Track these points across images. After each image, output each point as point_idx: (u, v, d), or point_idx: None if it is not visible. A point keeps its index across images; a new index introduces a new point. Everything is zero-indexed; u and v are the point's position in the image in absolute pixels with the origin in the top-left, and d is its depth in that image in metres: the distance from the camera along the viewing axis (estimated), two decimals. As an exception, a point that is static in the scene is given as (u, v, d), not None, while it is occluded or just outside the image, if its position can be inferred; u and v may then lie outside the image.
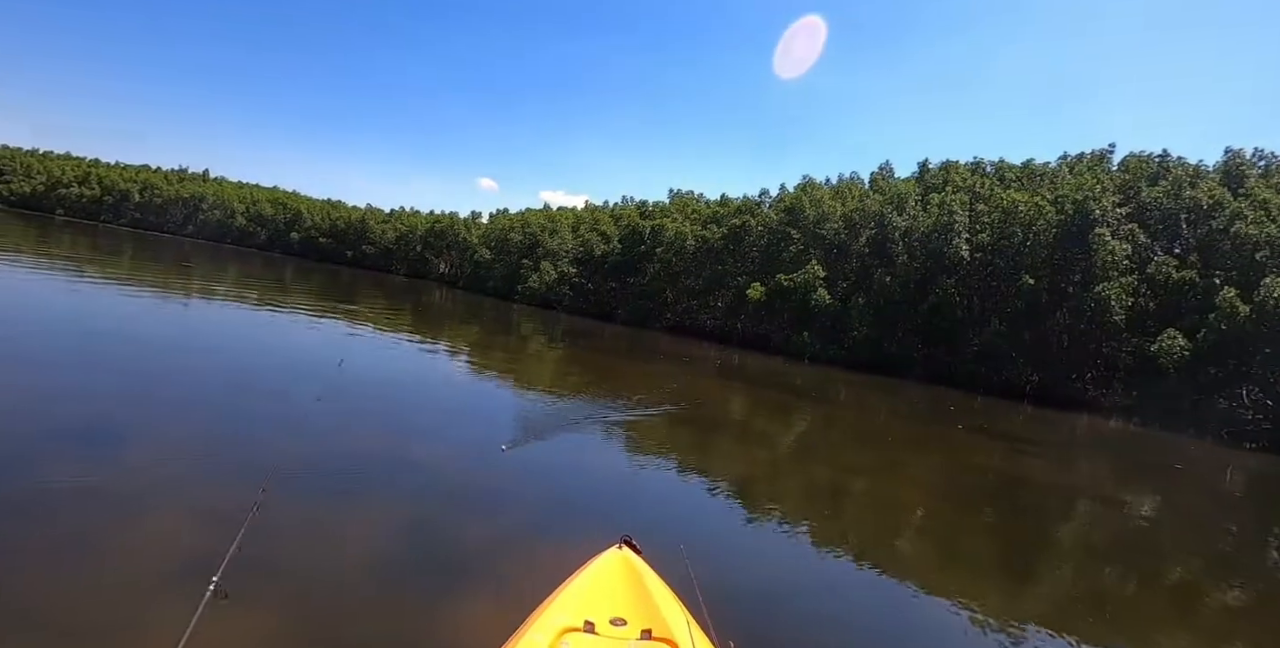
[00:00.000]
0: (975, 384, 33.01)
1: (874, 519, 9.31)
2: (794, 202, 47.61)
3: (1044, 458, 16.95)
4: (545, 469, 8.98)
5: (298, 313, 24.72)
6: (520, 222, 71.11)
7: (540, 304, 57.92)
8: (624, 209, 66.28)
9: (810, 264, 42.57)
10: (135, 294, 22.56)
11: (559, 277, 59.20)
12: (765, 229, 48.23)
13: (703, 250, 51.13)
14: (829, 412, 20.75)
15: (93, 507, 5.37)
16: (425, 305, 43.83)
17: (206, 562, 2.74)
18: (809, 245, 45.26)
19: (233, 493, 5.82)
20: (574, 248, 61.70)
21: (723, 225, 50.88)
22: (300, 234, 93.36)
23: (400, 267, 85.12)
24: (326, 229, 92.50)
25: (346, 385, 12.51)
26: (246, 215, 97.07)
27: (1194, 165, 36.12)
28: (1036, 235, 35.36)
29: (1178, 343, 27.53)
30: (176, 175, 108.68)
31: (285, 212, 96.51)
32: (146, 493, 5.85)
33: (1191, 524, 12.01)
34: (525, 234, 66.55)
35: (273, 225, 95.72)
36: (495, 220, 79.29)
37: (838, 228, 44.52)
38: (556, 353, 27.31)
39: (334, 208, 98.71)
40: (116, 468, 6.41)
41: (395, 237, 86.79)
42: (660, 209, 61.80)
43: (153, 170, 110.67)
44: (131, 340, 13.44)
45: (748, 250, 49.00)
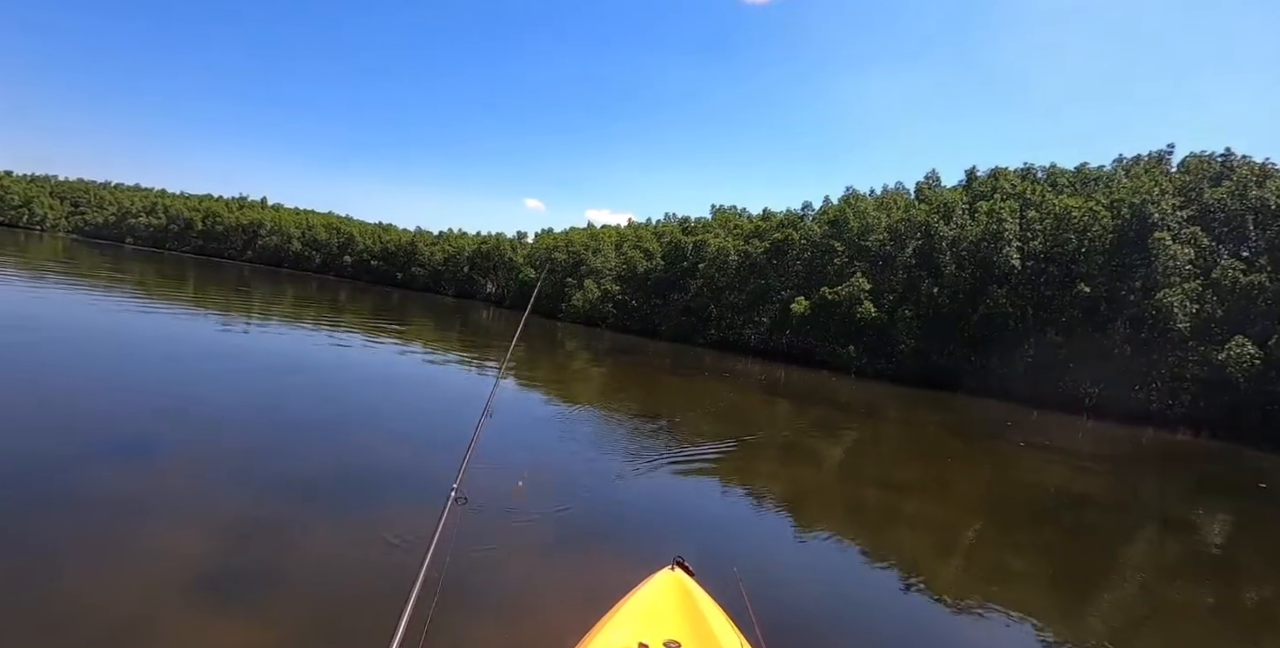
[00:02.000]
0: (1030, 397, 31.79)
1: (927, 539, 8.91)
2: (837, 214, 47.04)
3: (1106, 475, 16.10)
4: (592, 489, 8.85)
5: (352, 335, 25.22)
6: (564, 241, 71.83)
7: (584, 322, 58.20)
8: (666, 226, 66.42)
9: (855, 277, 41.90)
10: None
11: (602, 294, 59.46)
12: (808, 242, 47.68)
13: (745, 265, 50.78)
14: (878, 428, 20.13)
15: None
16: (472, 324, 44.35)
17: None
18: (853, 258, 44.59)
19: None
20: (617, 265, 61.98)
21: (765, 240, 50.50)
22: (353, 257, 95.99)
23: (449, 287, 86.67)
24: (378, 252, 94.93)
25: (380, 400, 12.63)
26: (302, 240, 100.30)
27: (1260, 164, 34.43)
28: (1092, 242, 34.16)
29: (1247, 351, 26.09)
30: (237, 203, 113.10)
31: (339, 236, 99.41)
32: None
33: (1264, 547, 11.19)
34: (569, 253, 67.16)
35: (327, 249, 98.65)
36: (540, 240, 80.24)
37: (883, 239, 43.78)
38: (600, 370, 27.26)
39: (385, 231, 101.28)
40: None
41: (443, 258, 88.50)
42: (702, 225, 61.73)
43: (214, 199, 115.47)
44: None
45: (791, 264, 48.48)
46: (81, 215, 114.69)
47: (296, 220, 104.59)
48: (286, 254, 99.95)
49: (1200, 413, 28.08)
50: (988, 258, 36.79)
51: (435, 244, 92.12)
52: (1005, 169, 46.05)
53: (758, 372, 33.97)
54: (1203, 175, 34.84)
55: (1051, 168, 44.45)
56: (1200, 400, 28.33)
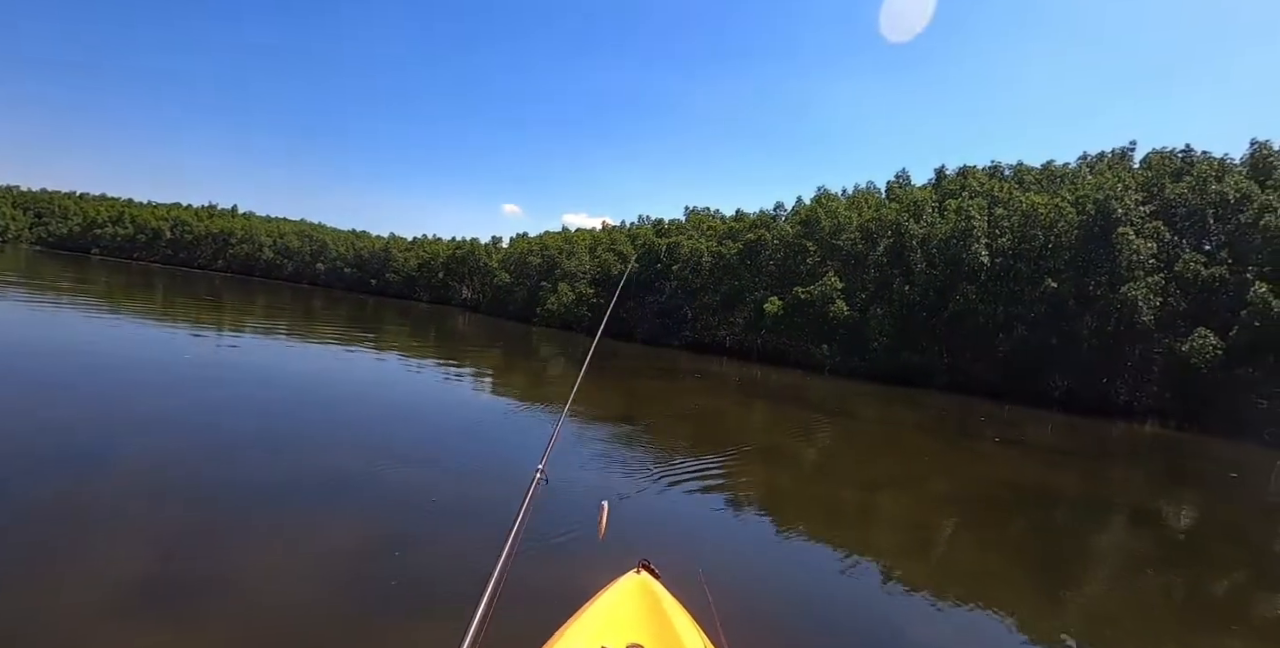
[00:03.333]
0: (1002, 393, 32.01)
1: (899, 538, 8.80)
2: (809, 213, 47.19)
3: (1078, 469, 16.10)
4: (558, 492, 8.65)
5: (327, 343, 24.78)
6: (539, 245, 71.55)
7: (560, 325, 57.87)
8: (640, 228, 66.33)
9: (827, 276, 42.01)
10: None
11: (577, 297, 59.20)
12: (781, 242, 47.76)
13: (719, 266, 50.79)
14: (851, 427, 20.03)
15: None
16: (446, 331, 43.89)
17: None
18: (825, 257, 44.74)
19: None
20: (591, 269, 61.76)
21: (738, 240, 50.54)
22: (326, 265, 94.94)
23: (423, 293, 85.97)
24: (351, 259, 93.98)
25: (353, 409, 12.33)
26: (274, 248, 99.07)
27: (1219, 159, 35.01)
28: (1058, 237, 34.53)
29: (1210, 342, 26.44)
30: (206, 212, 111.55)
31: (311, 243, 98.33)
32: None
33: (1235, 535, 11.24)
34: (543, 257, 66.90)
35: (299, 257, 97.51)
36: (515, 244, 79.86)
37: (854, 238, 43.97)
38: (574, 374, 26.97)
39: (358, 238, 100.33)
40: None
41: (418, 264, 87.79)
42: (676, 227, 61.69)
43: (183, 207, 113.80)
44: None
45: (764, 264, 48.54)
46: (45, 226, 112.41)
47: (268, 229, 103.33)
48: (258, 263, 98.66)
49: (1166, 404, 28.40)
50: (957, 255, 37.03)
51: (410, 250, 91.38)
52: (973, 167, 46.55)
53: (733, 372, 33.90)
54: (1164, 171, 35.36)
55: (1018, 166, 44.95)
56: (1166, 392, 28.66)
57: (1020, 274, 35.60)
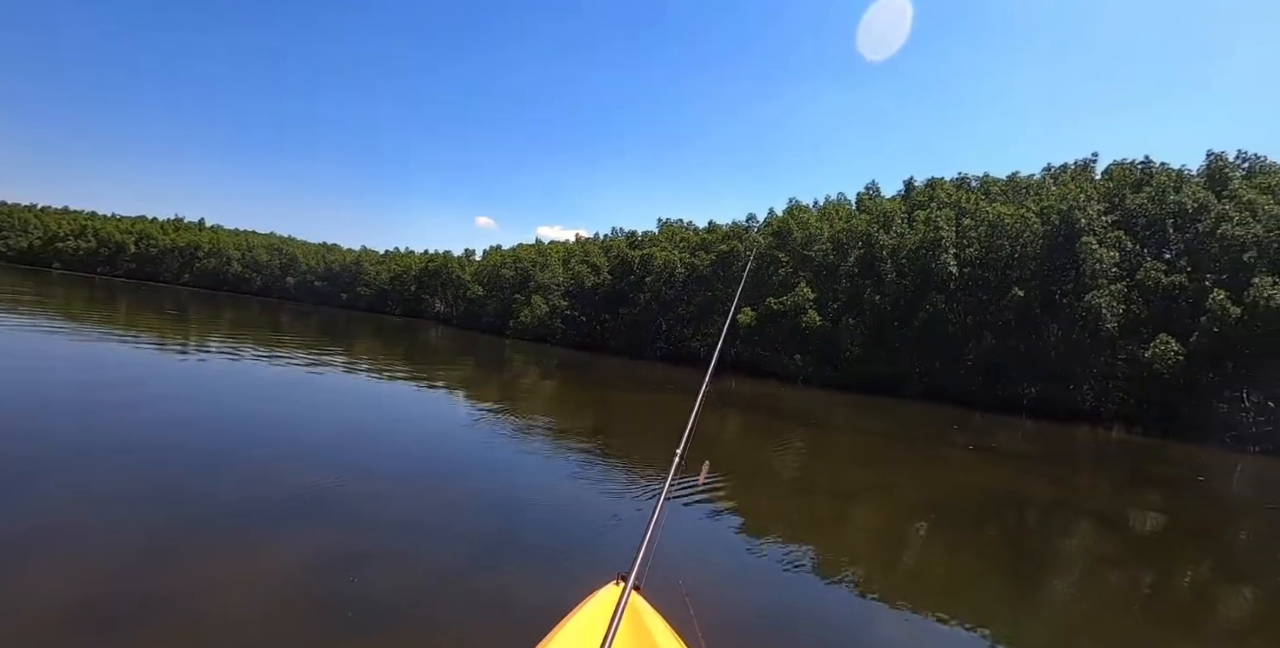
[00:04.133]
0: (972, 400, 32.33)
1: (876, 547, 8.78)
2: (781, 225, 47.53)
3: (1047, 475, 16.23)
4: (534, 505, 8.49)
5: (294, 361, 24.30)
6: (512, 257, 71.25)
7: (533, 338, 57.50)
8: (613, 240, 66.32)
9: (799, 287, 42.27)
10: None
11: (550, 310, 58.94)
12: (754, 253, 48.00)
13: (692, 278, 50.91)
14: (824, 436, 20.04)
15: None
16: (419, 345, 43.37)
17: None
18: (798, 268, 45.02)
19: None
20: (565, 281, 61.57)
21: (711, 252, 50.72)
22: (296, 278, 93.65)
23: (395, 307, 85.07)
24: (322, 273, 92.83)
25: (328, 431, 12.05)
26: (242, 262, 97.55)
27: (1177, 170, 35.95)
28: (1024, 247, 35.12)
29: (1171, 348, 26.96)
30: (172, 225, 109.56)
31: (281, 257, 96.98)
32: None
33: (1198, 537, 11.36)
34: (516, 269, 66.60)
35: (268, 271, 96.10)
36: (488, 257, 79.43)
37: (826, 249, 44.34)
38: (546, 386, 26.75)
39: (329, 251, 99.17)
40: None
41: (390, 277, 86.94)
42: (649, 238, 61.77)
43: (149, 221, 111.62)
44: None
45: (737, 275, 48.70)
46: (4, 239, 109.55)
47: (236, 242, 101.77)
48: (226, 276, 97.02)
49: (1131, 409, 28.87)
50: (926, 265, 37.47)
51: (381, 263, 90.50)
52: (941, 179, 47.25)
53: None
54: (1125, 182, 36.18)
55: (985, 177, 45.69)
56: (1131, 397, 29.14)
57: (988, 283, 36.12)
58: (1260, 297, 25.32)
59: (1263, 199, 29.60)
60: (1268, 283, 25.61)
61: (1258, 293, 25.47)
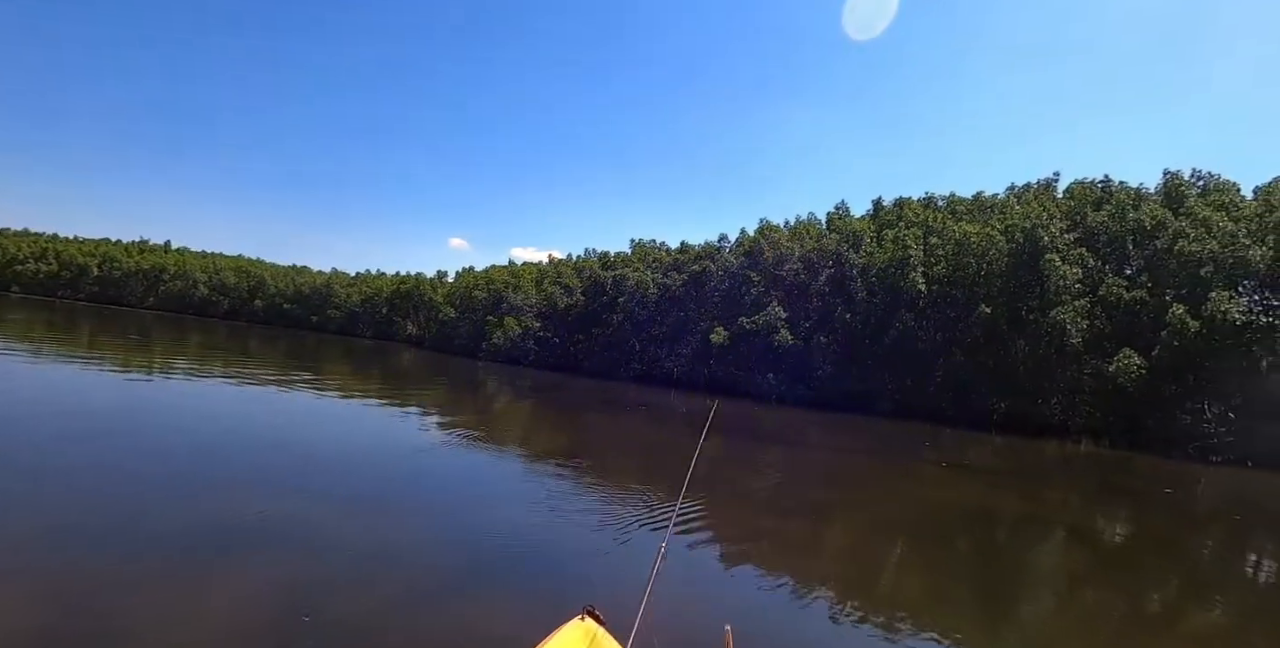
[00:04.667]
0: (943, 416, 32.58)
1: (850, 567, 8.66)
2: (752, 245, 47.89)
3: (1019, 490, 16.30)
4: (499, 534, 8.23)
5: (264, 383, 23.78)
6: (484, 279, 70.89)
7: (506, 360, 57.04)
8: (586, 261, 66.32)
9: (771, 305, 42.48)
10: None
11: (523, 331, 58.57)
12: (725, 273, 48.30)
13: (665, 298, 50.97)
14: (799, 455, 19.95)
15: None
16: (390, 369, 42.76)
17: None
18: (769, 287, 45.27)
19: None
20: (538, 302, 61.31)
21: (683, 272, 50.89)
22: (264, 301, 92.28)
23: (366, 330, 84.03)
24: (290, 295, 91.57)
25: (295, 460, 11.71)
26: (208, 285, 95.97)
27: (1135, 189, 36.91)
28: (990, 265, 35.69)
29: (1134, 362, 27.44)
30: (137, 247, 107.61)
31: (248, 279, 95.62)
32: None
33: (1166, 548, 11.42)
34: (489, 291, 66.24)
35: (235, 294, 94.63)
36: (460, 279, 78.97)
37: (797, 268, 44.69)
38: (518, 409, 26.42)
39: (298, 274, 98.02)
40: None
41: (360, 300, 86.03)
42: (622, 259, 61.87)
43: (112, 243, 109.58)
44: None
45: (709, 295, 48.91)
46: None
47: (203, 264, 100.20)
48: (191, 300, 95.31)
49: (1097, 423, 29.25)
50: (896, 283, 37.89)
51: (352, 285, 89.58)
52: (909, 199, 47.99)
53: (681, 404, 33.70)
54: (1085, 200, 37.07)
55: (951, 197, 46.53)
56: (1097, 411, 29.53)
57: (956, 301, 36.60)
58: (1217, 311, 25.93)
59: (1217, 216, 30.45)
60: (1224, 297, 26.24)
61: (1214, 307, 26.08)
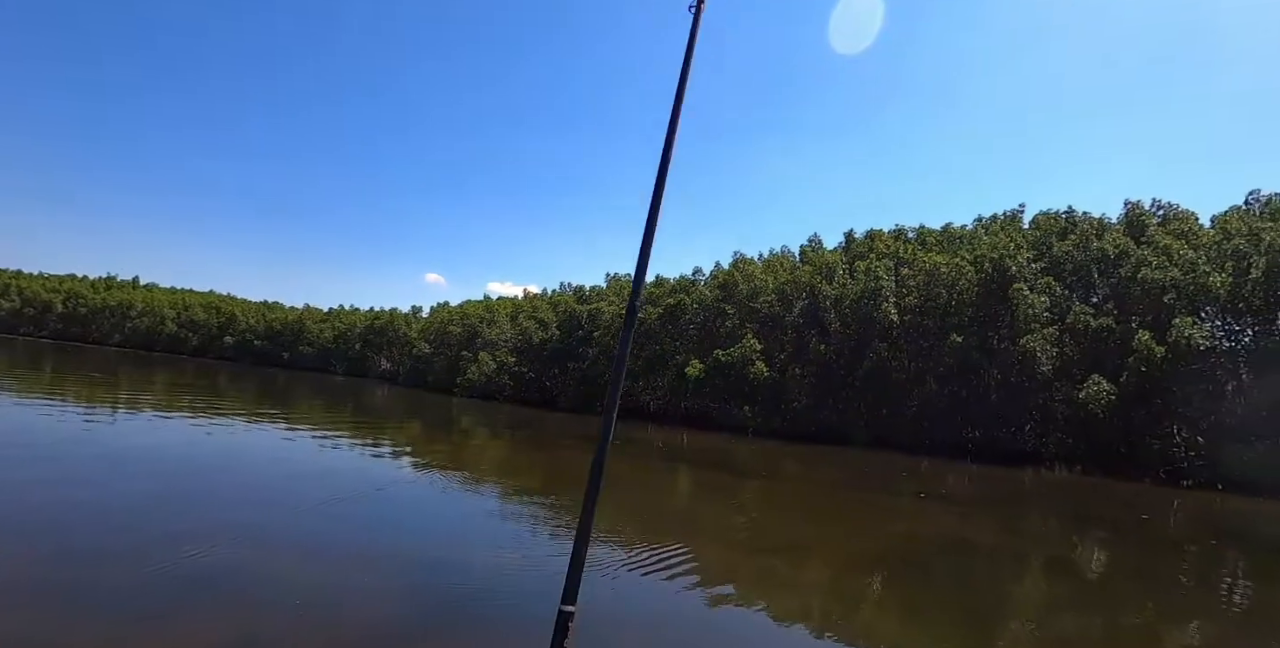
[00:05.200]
0: (918, 446, 32.48)
1: (832, 603, 8.48)
2: (727, 278, 48.15)
3: (997, 520, 16.19)
4: (460, 582, 7.84)
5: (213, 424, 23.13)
6: (459, 314, 70.42)
7: (481, 396, 56.32)
8: (561, 296, 66.25)
9: (746, 338, 42.50)
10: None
11: (498, 367, 57.99)
12: (700, 306, 48.39)
13: (640, 331, 50.80)
14: (776, 489, 19.66)
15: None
16: (363, 406, 41.95)
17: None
18: (744, 320, 45.38)
19: None
20: (513, 337, 60.92)
21: (659, 305, 50.89)
22: (234, 338, 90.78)
23: (339, 366, 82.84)
24: (262, 331, 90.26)
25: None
26: (177, 321, 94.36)
27: (1098, 218, 37.76)
28: (960, 294, 36.08)
29: (1103, 388, 27.66)
30: (104, 283, 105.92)
31: (218, 316, 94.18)
32: None
33: (1145, 577, 11.27)
34: (464, 326, 65.76)
35: (205, 330, 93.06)
36: (435, 314, 78.41)
37: (771, 301, 44.89)
38: (496, 445, 25.90)
39: (270, 310, 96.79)
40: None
41: (334, 336, 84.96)
42: (597, 293, 61.89)
43: (78, 279, 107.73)
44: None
45: (685, 328, 48.90)
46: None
47: (172, 300, 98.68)
48: (160, 337, 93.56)
49: (1070, 449, 29.31)
50: (869, 314, 38.13)
51: (325, 321, 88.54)
52: (880, 230, 48.64)
53: (658, 438, 33.30)
54: (1051, 231, 37.84)
55: (921, 228, 47.26)
56: (1069, 438, 29.60)
57: (928, 330, 36.86)
58: (1181, 336, 26.33)
59: (1177, 244, 31.19)
60: (1187, 323, 26.68)
61: (1178, 333, 26.49)
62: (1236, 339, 28.06)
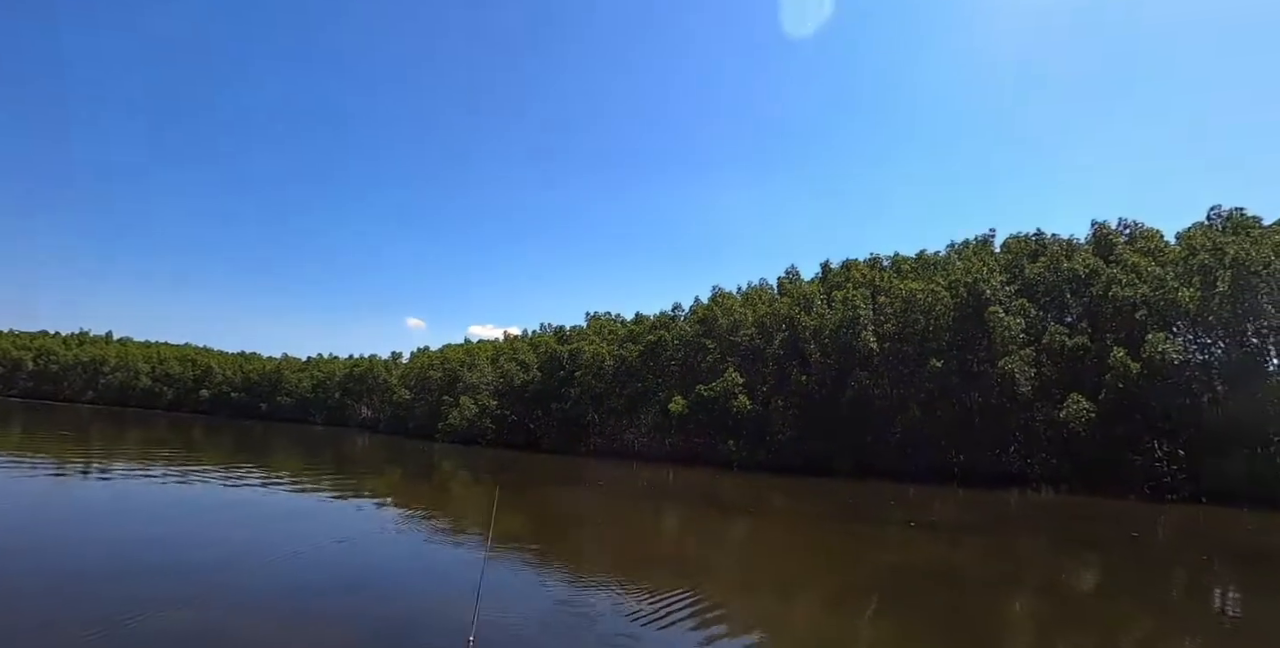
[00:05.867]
0: (904, 473, 32.13)
1: (826, 640, 8.02)
2: (706, 312, 48.17)
3: (986, 545, 15.85)
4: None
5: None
6: (439, 359, 69.76)
7: (462, 440, 55.36)
8: (542, 336, 65.96)
9: (727, 372, 42.31)
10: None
11: (480, 410, 57.22)
12: (681, 342, 48.24)
13: (622, 369, 50.50)
14: (764, 524, 19.18)
15: None
16: (343, 456, 41.00)
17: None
18: (725, 354, 45.25)
19: None
20: (494, 380, 60.33)
21: (639, 342, 50.69)
22: (210, 391, 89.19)
23: (318, 415, 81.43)
24: (239, 383, 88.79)
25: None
26: (152, 375, 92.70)
27: (1067, 239, 38.37)
28: (937, 320, 36.25)
29: (1083, 406, 27.66)
30: (76, 339, 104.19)
31: (194, 368, 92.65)
32: None
33: (1141, 597, 10.96)
34: (445, 371, 65.07)
35: (180, 384, 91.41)
36: (415, 359, 77.66)
37: (751, 334, 44.88)
38: (470, 494, 25.14)
39: (247, 360, 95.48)
40: None
41: (312, 385, 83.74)
42: (577, 333, 61.70)
43: (50, 336, 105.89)
44: None
45: (666, 364, 48.66)
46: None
47: (146, 354, 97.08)
48: (134, 391, 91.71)
49: (1054, 470, 29.13)
50: (848, 343, 38.15)
51: (303, 370, 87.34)
52: (855, 260, 49.10)
53: (643, 477, 32.69)
54: (1022, 253, 38.37)
55: (895, 256, 47.77)
56: (1052, 457, 29.45)
57: (908, 356, 36.88)
58: (1154, 352, 26.50)
59: (1145, 262, 31.65)
60: (1160, 338, 26.89)
61: (1151, 348, 26.67)
62: (1209, 352, 28.27)
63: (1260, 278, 26.79)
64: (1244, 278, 27.12)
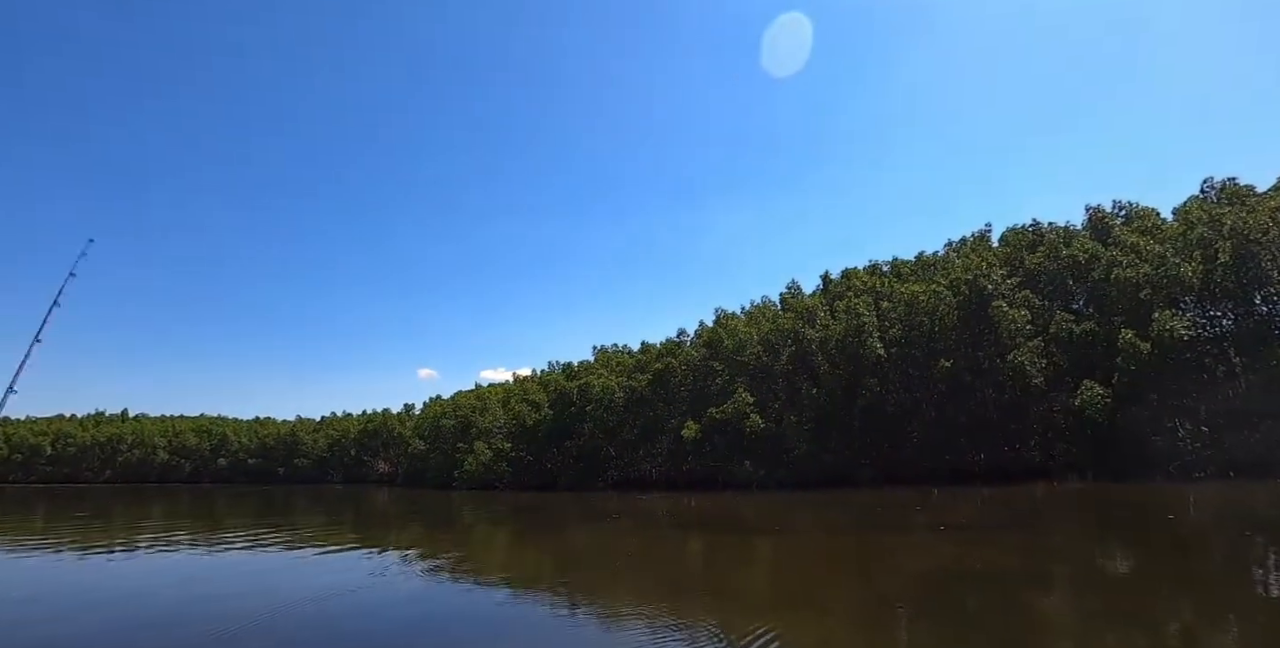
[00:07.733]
0: (925, 477, 31.36)
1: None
2: (711, 335, 47.87)
3: (1019, 543, 15.11)
4: None
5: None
6: (451, 406, 69.48)
7: (480, 486, 54.69)
8: (550, 374, 65.68)
9: (737, 392, 41.80)
10: None
11: (495, 454, 56.65)
12: (689, 367, 47.86)
13: (633, 400, 50.03)
14: (790, 543, 18.37)
15: None
16: (360, 516, 40.40)
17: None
18: (734, 374, 44.79)
19: None
20: (506, 422, 59.87)
21: (647, 372, 50.30)
22: (228, 459, 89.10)
23: (337, 474, 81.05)
24: (255, 449, 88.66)
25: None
26: (168, 449, 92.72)
27: (1063, 227, 38.02)
28: (942, 320, 35.79)
29: (1097, 392, 26.98)
30: (93, 420, 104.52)
31: (210, 438, 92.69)
32: None
33: (1188, 582, 10.33)
34: (457, 418, 64.70)
35: (197, 455, 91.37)
36: (428, 409, 77.36)
37: (758, 352, 44.44)
38: (490, 541, 24.46)
39: (262, 426, 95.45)
40: None
41: (328, 444, 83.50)
42: (586, 367, 61.34)
43: (66, 419, 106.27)
44: None
45: (675, 391, 48.20)
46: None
47: (162, 429, 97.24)
48: (152, 467, 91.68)
49: (1076, 458, 28.34)
50: (855, 352, 37.69)
51: (318, 431, 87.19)
52: (855, 269, 48.85)
53: (663, 506, 31.90)
54: (1020, 245, 38.02)
55: (894, 260, 47.52)
56: (1073, 446, 28.69)
57: (916, 359, 36.34)
58: (1163, 330, 25.92)
59: (1143, 241, 31.20)
60: (1167, 316, 26.34)
61: (1160, 327, 26.09)
62: (1219, 325, 27.67)
63: (1261, 245, 26.33)
64: (1245, 247, 26.67)
